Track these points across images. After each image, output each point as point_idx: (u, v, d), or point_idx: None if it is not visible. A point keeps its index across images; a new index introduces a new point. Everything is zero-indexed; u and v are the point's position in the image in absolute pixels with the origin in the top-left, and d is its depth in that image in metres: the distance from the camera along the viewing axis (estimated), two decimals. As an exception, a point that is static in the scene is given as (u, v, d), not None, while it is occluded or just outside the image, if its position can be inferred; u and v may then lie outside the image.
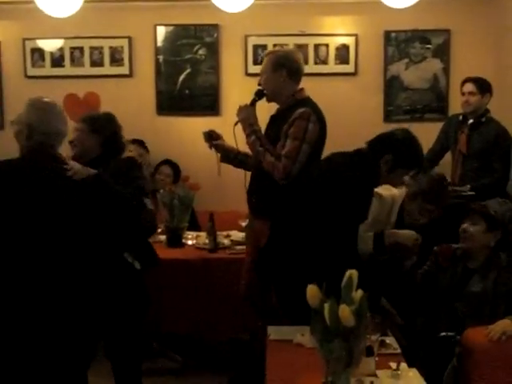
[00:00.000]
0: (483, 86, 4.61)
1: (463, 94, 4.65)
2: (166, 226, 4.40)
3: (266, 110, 3.68)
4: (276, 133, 3.50)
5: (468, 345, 2.86)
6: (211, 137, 3.78)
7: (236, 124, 3.61)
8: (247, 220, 3.90)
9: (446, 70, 5.39)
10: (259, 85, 3.61)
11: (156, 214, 4.87)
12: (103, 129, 3.29)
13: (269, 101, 3.64)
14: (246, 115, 3.56)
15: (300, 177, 3.31)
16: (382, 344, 2.56)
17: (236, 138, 3.67)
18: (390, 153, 3.00)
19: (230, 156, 3.79)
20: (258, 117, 3.58)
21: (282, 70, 3.52)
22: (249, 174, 3.71)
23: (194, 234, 4.56)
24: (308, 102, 3.53)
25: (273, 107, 3.68)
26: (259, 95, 3.60)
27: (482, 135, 4.58)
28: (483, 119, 4.61)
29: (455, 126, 4.74)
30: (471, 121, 4.62)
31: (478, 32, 5.29)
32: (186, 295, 4.05)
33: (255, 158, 3.53)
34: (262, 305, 3.68)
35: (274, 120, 3.62)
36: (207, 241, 4.25)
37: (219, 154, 3.81)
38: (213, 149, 3.79)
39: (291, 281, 2.76)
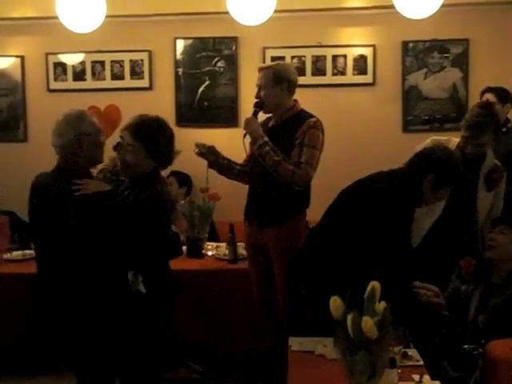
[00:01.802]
0: (503, 96, 4.59)
1: None
2: (187, 237, 4.43)
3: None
4: (285, 141, 3.58)
5: (491, 358, 2.83)
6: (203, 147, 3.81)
7: (245, 136, 3.68)
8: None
9: (465, 80, 5.38)
10: (257, 98, 3.69)
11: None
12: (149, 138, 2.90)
13: (266, 112, 3.75)
14: (255, 127, 3.64)
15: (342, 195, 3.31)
16: (405, 356, 2.55)
17: (246, 150, 3.75)
18: (432, 172, 2.99)
19: (218, 161, 3.82)
20: None
21: (283, 84, 3.63)
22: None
23: (214, 244, 4.59)
24: (307, 112, 3.67)
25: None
26: (260, 107, 3.68)
27: (503, 145, 4.55)
28: (504, 129, 4.59)
29: None
30: None
31: (497, 41, 5.30)
32: (205, 306, 4.06)
33: (271, 167, 3.57)
34: (275, 316, 3.73)
35: (277, 130, 3.68)
36: (227, 252, 4.28)
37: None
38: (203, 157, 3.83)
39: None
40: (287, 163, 3.52)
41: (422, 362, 2.59)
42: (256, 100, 3.71)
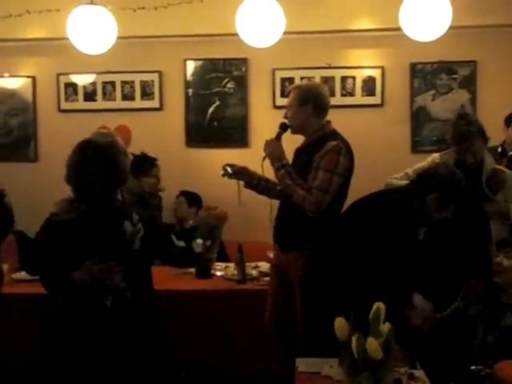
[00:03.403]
0: None
1: None
2: (195, 257, 4.43)
3: (290, 142, 3.70)
4: (305, 165, 3.50)
5: (499, 379, 2.81)
6: (232, 168, 3.74)
7: (264, 159, 3.60)
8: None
9: (473, 101, 5.40)
10: (285, 117, 3.63)
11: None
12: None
13: (294, 133, 3.65)
14: (273, 149, 3.54)
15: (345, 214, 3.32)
16: (411, 377, 2.55)
17: (264, 173, 3.70)
18: (436, 191, 3.03)
19: (253, 182, 3.78)
20: (284, 149, 3.60)
21: (308, 105, 3.53)
22: (274, 206, 3.72)
23: (223, 264, 4.58)
24: (336, 135, 3.55)
25: (298, 138, 3.71)
26: (284, 128, 3.61)
27: None
28: None
29: (494, 158, 4.70)
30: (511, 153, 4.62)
31: (505, 63, 5.32)
32: (214, 326, 4.05)
33: (285, 192, 3.52)
34: (287, 338, 3.69)
35: (302, 152, 3.62)
36: (236, 272, 4.26)
37: (240, 183, 3.81)
38: (233, 178, 3.77)
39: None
40: (300, 188, 3.42)
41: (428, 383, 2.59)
42: (282, 121, 3.63)
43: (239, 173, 3.74)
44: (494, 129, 4.80)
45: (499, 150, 4.70)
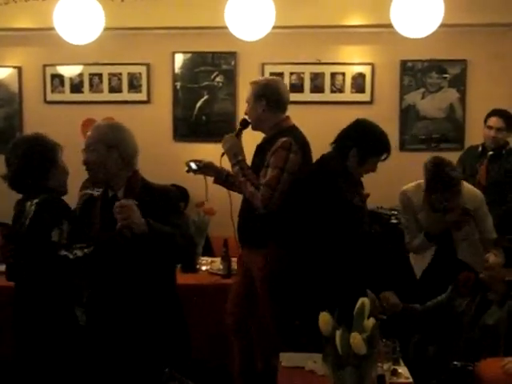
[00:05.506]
0: (511, 123, 4.58)
1: (490, 127, 4.58)
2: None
3: (252, 139, 3.70)
4: (260, 162, 3.51)
5: (481, 376, 2.83)
6: (197, 164, 3.76)
7: (222, 155, 3.62)
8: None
9: (463, 100, 5.40)
10: (246, 114, 3.65)
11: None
12: None
13: (254, 129, 3.66)
14: (231, 145, 3.55)
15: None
16: (394, 373, 2.54)
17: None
18: (354, 147, 3.15)
19: (221, 178, 3.78)
20: (247, 145, 3.61)
21: (262, 101, 3.53)
22: (234, 202, 3.74)
23: (209, 259, 4.57)
24: (291, 131, 3.52)
25: (260, 135, 3.70)
26: (244, 125, 3.63)
27: (501, 167, 4.55)
28: (503, 151, 4.59)
29: (474, 157, 4.70)
30: (491, 152, 4.60)
31: (494, 63, 5.31)
32: (199, 320, 4.02)
33: (238, 188, 3.55)
34: (246, 334, 3.70)
35: (259, 149, 3.62)
36: (221, 266, 4.26)
37: (207, 179, 3.84)
38: (198, 174, 3.81)
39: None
40: (250, 184, 3.42)
41: (411, 380, 2.58)
42: (243, 117, 3.66)
43: (205, 168, 3.74)
44: (482, 128, 4.81)
45: (479, 149, 4.70)
